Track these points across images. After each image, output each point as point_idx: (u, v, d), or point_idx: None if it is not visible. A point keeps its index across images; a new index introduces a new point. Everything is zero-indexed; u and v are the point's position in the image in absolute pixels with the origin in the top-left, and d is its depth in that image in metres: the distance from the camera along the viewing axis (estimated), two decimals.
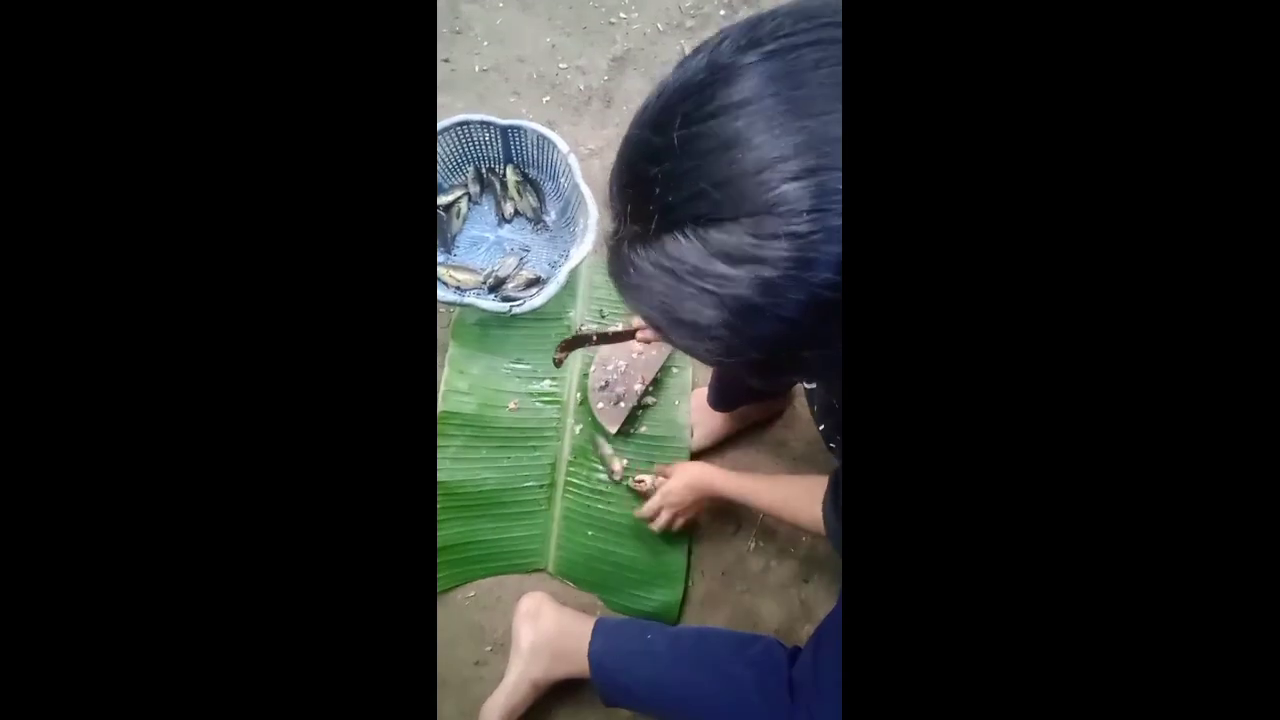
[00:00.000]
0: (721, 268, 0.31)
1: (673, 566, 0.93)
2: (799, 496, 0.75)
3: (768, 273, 0.30)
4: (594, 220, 0.94)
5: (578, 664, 0.80)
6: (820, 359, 0.35)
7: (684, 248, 0.31)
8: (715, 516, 0.97)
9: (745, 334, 0.33)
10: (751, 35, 0.31)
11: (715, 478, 0.84)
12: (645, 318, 0.36)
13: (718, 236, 0.30)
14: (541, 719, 0.86)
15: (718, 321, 0.32)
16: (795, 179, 0.29)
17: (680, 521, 0.88)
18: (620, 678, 0.78)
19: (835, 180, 0.28)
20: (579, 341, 0.89)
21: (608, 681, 0.78)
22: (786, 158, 0.29)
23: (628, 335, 0.79)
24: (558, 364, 0.93)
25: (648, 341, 0.87)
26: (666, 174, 0.31)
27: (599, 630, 0.81)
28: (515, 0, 1.22)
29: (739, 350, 0.34)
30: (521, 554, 0.93)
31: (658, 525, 0.88)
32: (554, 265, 1.03)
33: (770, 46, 0.30)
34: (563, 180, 1.03)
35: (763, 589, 0.94)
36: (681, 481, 0.85)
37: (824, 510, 0.66)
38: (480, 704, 0.82)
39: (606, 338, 0.82)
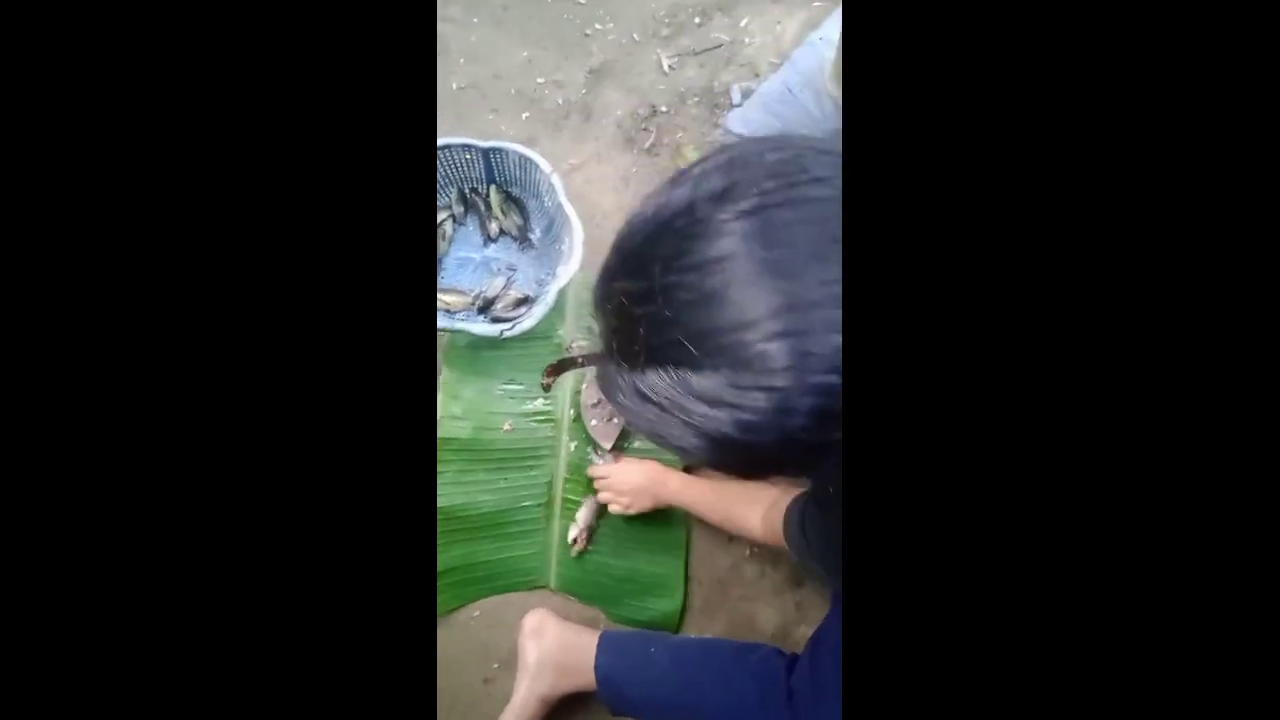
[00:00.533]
0: (702, 407, 0.32)
1: (671, 576, 0.96)
2: (741, 506, 0.79)
3: (745, 416, 0.31)
4: (579, 239, 0.95)
5: (584, 678, 0.82)
6: (804, 474, 0.37)
7: (666, 385, 0.32)
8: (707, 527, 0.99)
9: (729, 457, 0.35)
10: (728, 187, 0.31)
11: (671, 479, 0.87)
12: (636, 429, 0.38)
13: (698, 381, 0.31)
14: None
15: (700, 448, 0.34)
16: (772, 339, 0.30)
17: (620, 507, 0.90)
18: (626, 690, 0.80)
19: (811, 342, 0.30)
20: (565, 365, 0.91)
21: (614, 695, 0.81)
22: (763, 318, 0.30)
23: None
24: (546, 389, 0.95)
25: None
26: (648, 317, 0.32)
27: (604, 645, 0.83)
28: (489, 17, 1.22)
29: (723, 466, 0.37)
30: (523, 572, 0.95)
31: (598, 500, 0.93)
32: (541, 284, 1.05)
33: (744, 205, 0.31)
34: (546, 200, 1.03)
35: (759, 595, 0.97)
36: (639, 468, 0.89)
37: (786, 525, 0.68)
38: None
39: (592, 359, 0.84)
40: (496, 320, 0.99)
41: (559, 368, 0.85)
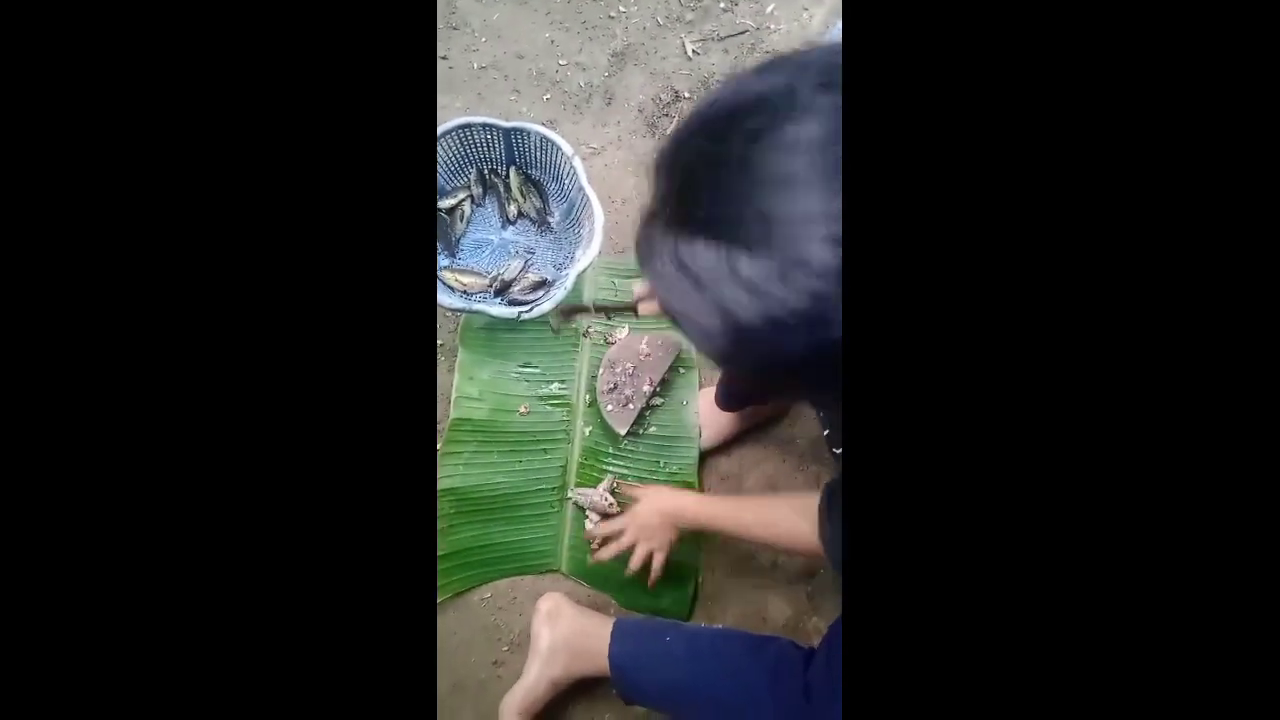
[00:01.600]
0: (740, 293, 0.31)
1: (684, 565, 0.95)
2: (786, 517, 0.72)
3: (778, 312, 0.31)
4: (599, 224, 0.94)
5: (596, 664, 0.82)
6: (819, 392, 0.35)
7: (711, 258, 0.31)
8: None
9: (744, 352, 0.33)
10: (832, 81, 0.30)
11: (687, 504, 0.82)
12: (656, 296, 0.36)
13: (745, 263, 0.31)
14: (559, 714, 0.88)
15: (718, 332, 0.33)
16: (833, 241, 0.29)
17: (656, 557, 0.84)
18: (639, 678, 0.80)
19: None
20: (579, 309, 0.89)
21: (627, 682, 0.80)
22: (831, 217, 0.29)
23: (628, 308, 0.79)
24: (555, 331, 0.93)
25: (647, 314, 0.86)
26: (717, 184, 0.31)
27: (618, 632, 0.83)
28: None
29: (735, 362, 0.35)
30: (535, 555, 0.95)
31: (610, 552, 0.84)
32: (559, 268, 1.04)
33: (843, 99, 0.30)
34: (567, 182, 1.02)
35: (771, 585, 0.96)
36: (652, 507, 0.83)
37: (820, 526, 0.67)
38: (499, 703, 0.85)
39: (606, 309, 0.83)
40: (514, 303, 0.98)
41: (571, 311, 0.84)
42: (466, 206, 1.05)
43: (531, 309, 0.92)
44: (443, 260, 1.03)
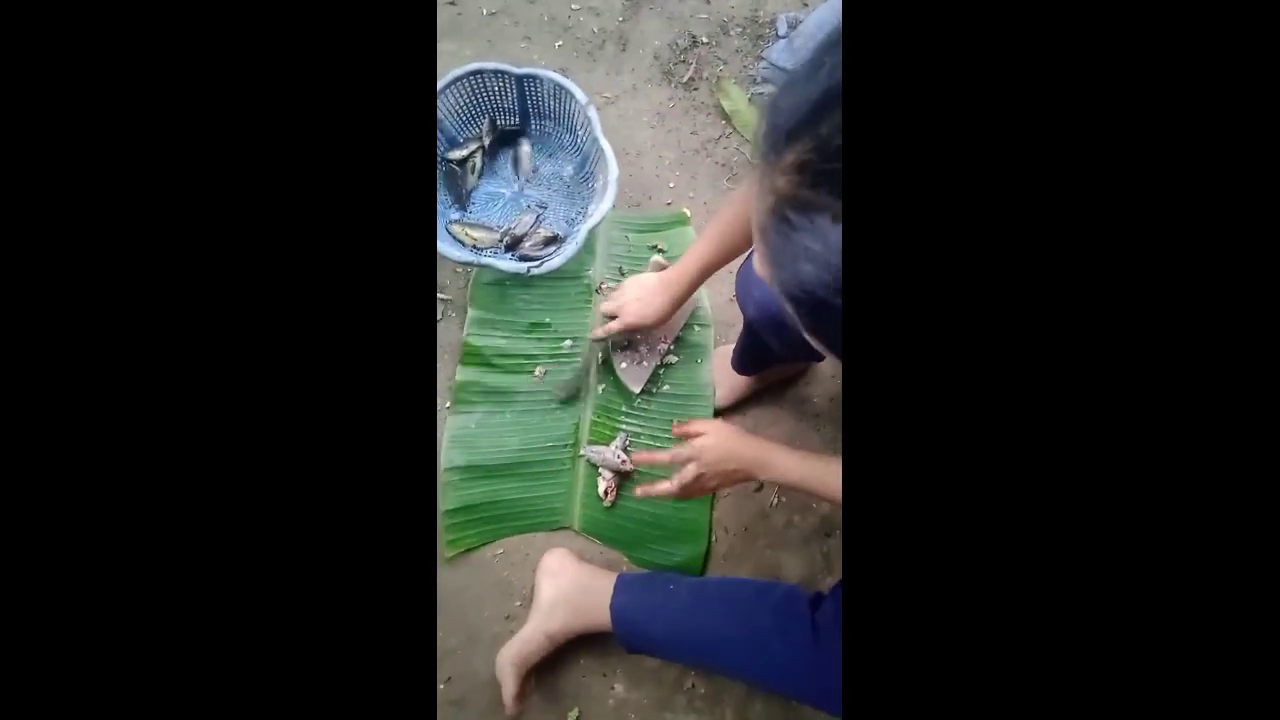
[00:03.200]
0: (817, 261, 0.32)
1: (696, 523, 0.95)
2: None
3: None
4: (614, 177, 0.91)
5: (596, 618, 0.82)
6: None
7: (821, 225, 0.32)
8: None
9: (818, 324, 0.34)
10: None
11: (776, 460, 0.72)
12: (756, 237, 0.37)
13: (835, 235, 0.31)
14: (567, 669, 0.89)
15: (803, 291, 0.34)
16: None
17: (710, 486, 0.76)
18: (644, 627, 0.80)
19: None
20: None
21: (631, 631, 0.80)
22: None
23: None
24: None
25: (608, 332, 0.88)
26: (818, 167, 0.31)
27: (621, 584, 0.83)
28: None
29: (812, 321, 0.36)
30: (547, 512, 0.95)
31: (665, 489, 0.76)
32: (571, 222, 1.01)
33: None
34: (581, 133, 0.99)
35: (785, 544, 0.95)
36: (728, 451, 0.74)
37: None
38: None
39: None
40: (525, 259, 0.96)
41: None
42: (478, 159, 1.02)
43: (542, 264, 0.90)
44: (453, 214, 1.00)
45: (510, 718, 0.83)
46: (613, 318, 0.86)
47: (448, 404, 0.96)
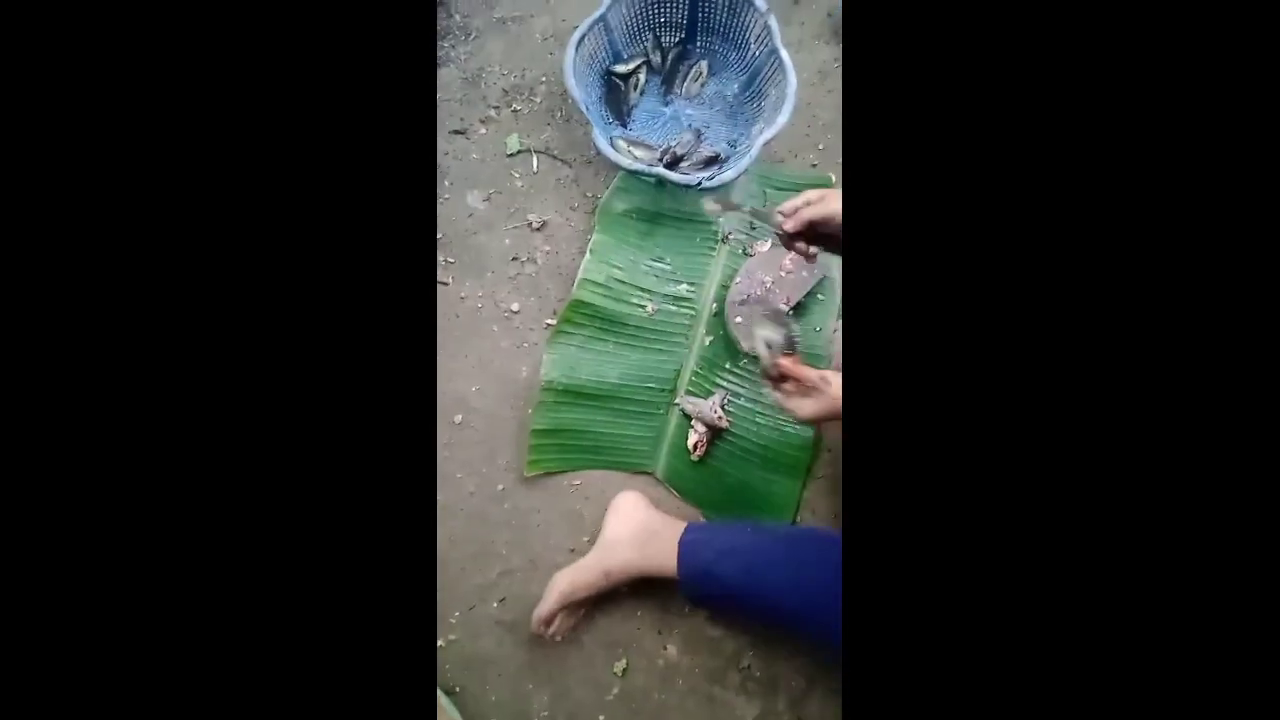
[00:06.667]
0: None
1: (784, 497, 0.89)
2: None
3: None
4: (792, 89, 0.86)
5: (660, 563, 0.79)
6: None
7: None
8: (838, 460, 0.91)
9: None
10: None
11: None
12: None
13: None
14: (624, 610, 0.85)
15: None
16: None
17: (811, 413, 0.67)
18: (710, 568, 0.76)
19: None
20: (733, 206, 0.82)
21: (695, 573, 0.76)
22: None
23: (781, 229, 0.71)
24: (713, 214, 0.84)
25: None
26: None
27: (692, 527, 0.81)
28: None
29: None
30: (632, 453, 0.91)
31: (786, 400, 0.68)
32: (733, 144, 0.97)
33: None
34: (755, 47, 0.94)
35: None
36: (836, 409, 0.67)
37: None
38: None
39: (760, 214, 0.74)
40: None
41: (728, 205, 0.79)
42: (641, 75, 0.99)
43: (715, 176, 0.86)
44: (615, 129, 0.98)
45: (534, 632, 0.81)
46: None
47: (549, 321, 0.93)
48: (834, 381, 0.67)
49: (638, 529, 0.82)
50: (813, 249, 0.70)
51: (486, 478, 0.89)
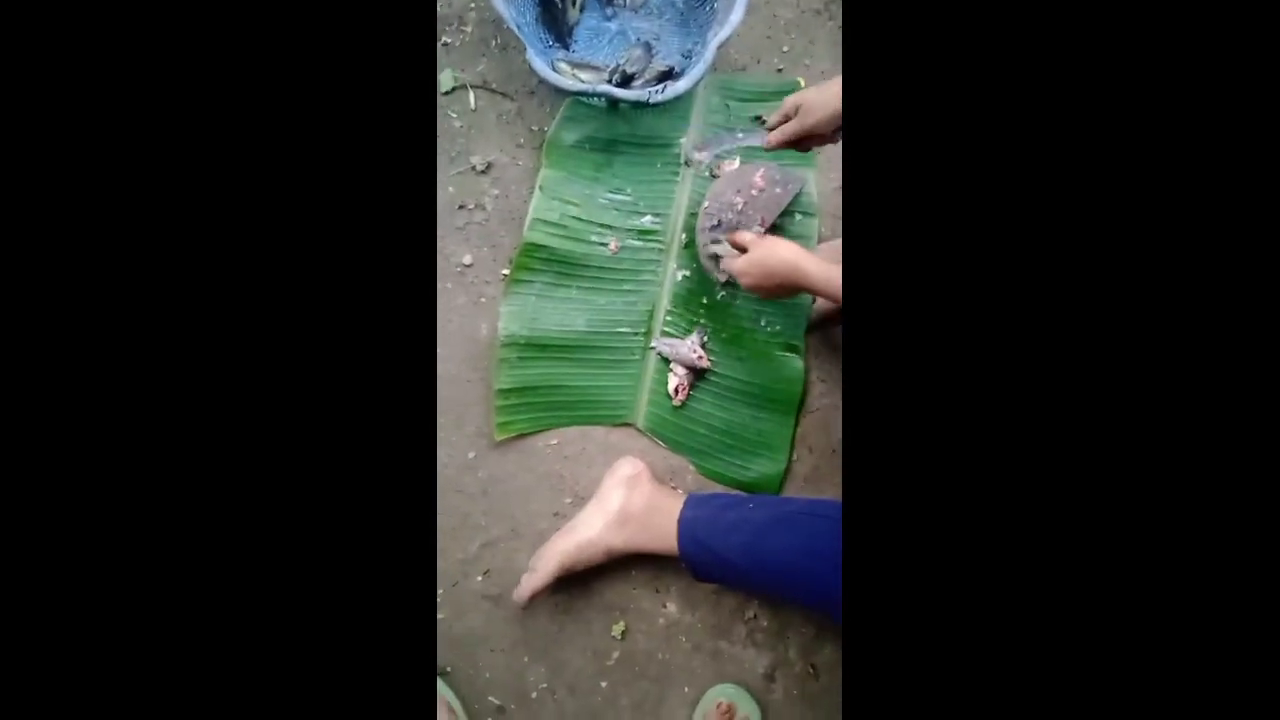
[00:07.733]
0: None
1: (776, 436, 0.83)
2: None
3: None
4: None
5: (662, 540, 0.74)
6: None
7: None
8: (831, 390, 0.84)
9: None
10: None
11: (807, 264, 0.68)
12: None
13: None
14: (616, 571, 0.80)
15: None
16: None
17: (750, 281, 0.73)
18: (711, 546, 0.71)
19: None
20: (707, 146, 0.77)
21: (696, 551, 0.72)
22: None
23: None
24: (688, 164, 0.85)
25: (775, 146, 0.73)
26: None
27: (691, 501, 0.75)
28: None
29: None
30: (609, 405, 0.84)
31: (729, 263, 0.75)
32: (687, 55, 0.88)
33: None
34: None
35: None
36: (760, 260, 0.71)
37: None
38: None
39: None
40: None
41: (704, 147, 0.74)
42: None
43: (665, 89, 0.77)
44: (557, 52, 0.89)
45: (518, 604, 0.75)
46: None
47: (504, 271, 0.85)
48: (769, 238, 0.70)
49: (645, 506, 0.76)
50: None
51: (456, 446, 0.83)
